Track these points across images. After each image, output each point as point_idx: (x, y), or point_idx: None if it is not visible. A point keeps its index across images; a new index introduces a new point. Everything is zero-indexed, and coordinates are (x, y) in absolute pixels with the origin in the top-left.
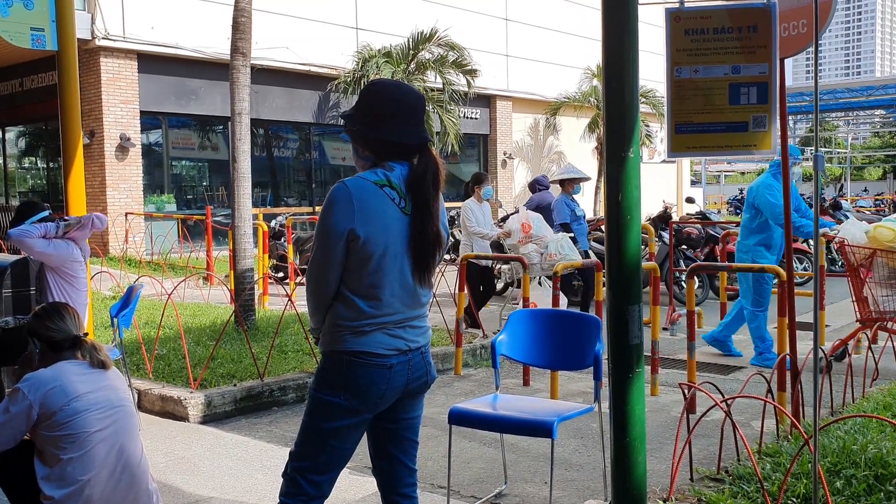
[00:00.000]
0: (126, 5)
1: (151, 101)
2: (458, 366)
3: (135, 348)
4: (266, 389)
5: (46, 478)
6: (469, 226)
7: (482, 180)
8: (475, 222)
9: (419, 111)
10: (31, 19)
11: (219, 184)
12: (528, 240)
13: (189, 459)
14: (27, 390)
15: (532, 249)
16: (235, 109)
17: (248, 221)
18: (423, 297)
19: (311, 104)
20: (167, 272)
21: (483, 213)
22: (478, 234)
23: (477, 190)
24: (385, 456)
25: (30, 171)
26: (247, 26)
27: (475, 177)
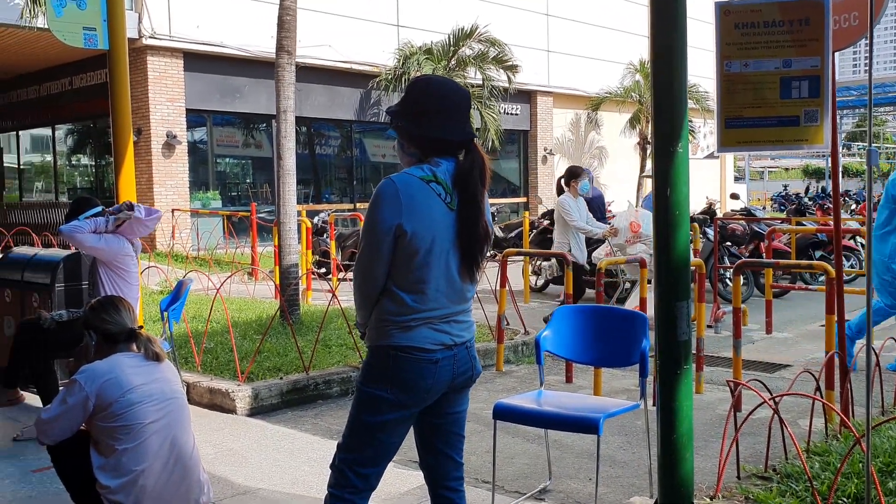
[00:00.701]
0: (172, 4)
1: (197, 99)
2: (500, 362)
3: (183, 342)
4: (311, 383)
5: (102, 467)
6: (570, 221)
7: (578, 174)
8: (576, 217)
9: (465, 107)
10: (83, 19)
11: (262, 181)
12: (636, 239)
13: (237, 451)
14: (84, 382)
15: (641, 250)
16: (281, 107)
17: (294, 218)
18: (468, 293)
19: (353, 102)
20: (213, 267)
21: (579, 208)
22: (581, 230)
23: (573, 185)
24: (432, 450)
25: (77, 169)
26: (292, 24)
27: (570, 171)
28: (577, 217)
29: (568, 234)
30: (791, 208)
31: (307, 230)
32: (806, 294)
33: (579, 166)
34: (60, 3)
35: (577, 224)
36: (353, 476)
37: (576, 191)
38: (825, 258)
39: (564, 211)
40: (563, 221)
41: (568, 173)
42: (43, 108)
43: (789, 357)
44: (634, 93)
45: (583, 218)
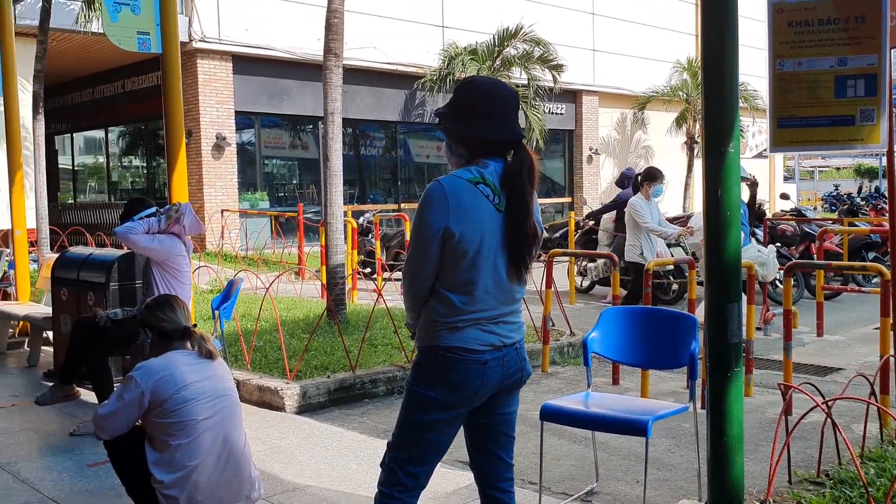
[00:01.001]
0: (221, 8)
1: (245, 101)
2: (546, 363)
3: (233, 340)
4: (358, 381)
5: (156, 462)
6: (642, 222)
7: (655, 178)
8: (648, 219)
9: (513, 107)
10: (137, 24)
11: (308, 181)
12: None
13: (286, 448)
14: (139, 378)
15: None
16: (328, 109)
17: (340, 218)
18: (516, 294)
19: (398, 103)
20: (261, 267)
21: (651, 210)
22: (653, 232)
23: (646, 187)
24: (482, 450)
25: (129, 170)
26: (339, 27)
27: (648, 172)
28: (649, 219)
29: (640, 236)
30: (843, 208)
31: (353, 230)
32: (858, 296)
33: (658, 170)
34: (115, 8)
35: (650, 226)
36: (403, 474)
37: (648, 193)
38: (879, 259)
39: (636, 212)
40: (634, 223)
41: (645, 174)
42: (96, 110)
43: (841, 360)
44: (681, 91)
45: (655, 220)
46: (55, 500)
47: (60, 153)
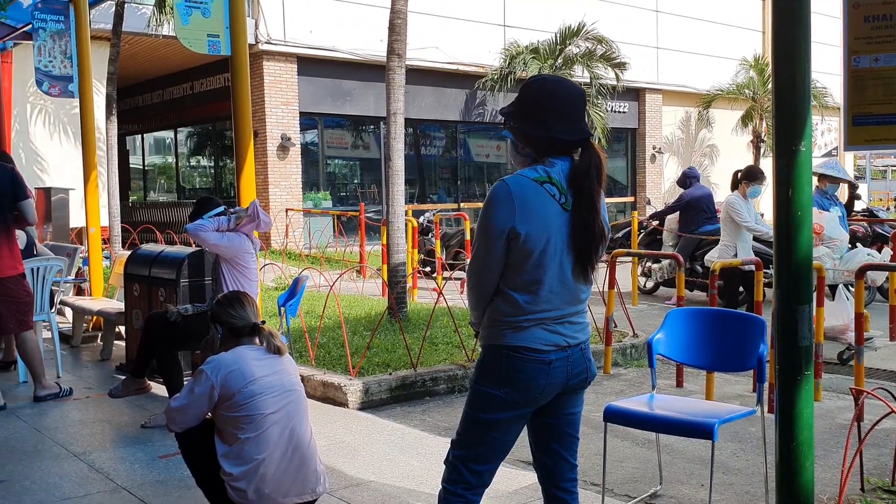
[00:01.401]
0: (287, 11)
1: (309, 102)
2: (608, 365)
3: (298, 336)
4: (419, 379)
5: (225, 455)
6: (741, 221)
7: (756, 178)
8: (748, 217)
9: (580, 105)
10: (207, 26)
11: (370, 181)
12: (818, 241)
13: (349, 444)
14: (210, 372)
15: (824, 253)
16: (391, 109)
17: (402, 217)
18: (582, 294)
19: (458, 102)
20: (324, 265)
21: (749, 209)
22: (753, 231)
23: (744, 185)
24: (546, 450)
25: (197, 170)
26: (402, 28)
27: (749, 171)
28: (748, 217)
29: (736, 236)
30: None
31: (413, 230)
32: None
33: (760, 170)
34: (187, 11)
35: (750, 224)
36: (467, 472)
37: (745, 192)
38: None
39: (734, 211)
40: (731, 222)
41: (746, 172)
42: (166, 111)
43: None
44: (748, 89)
45: (752, 219)
46: (128, 490)
47: (131, 153)
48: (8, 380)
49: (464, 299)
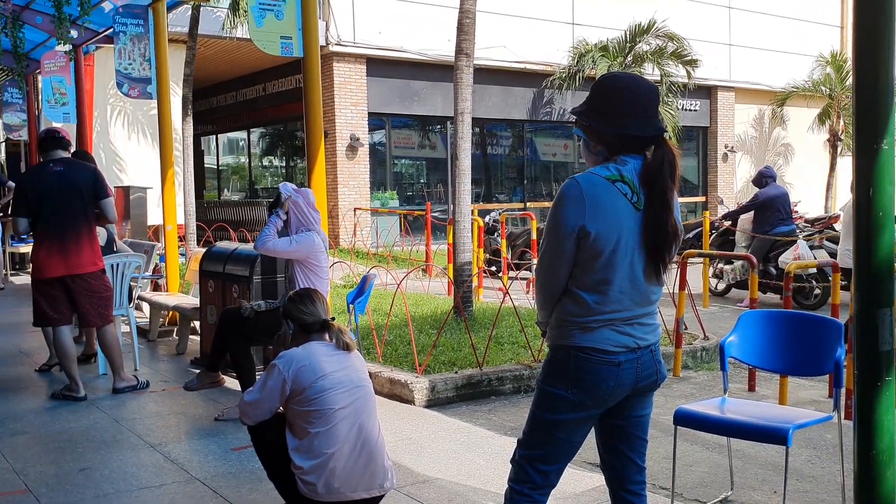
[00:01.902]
0: (357, 13)
1: (377, 102)
2: (678, 367)
3: (366, 333)
4: (484, 378)
5: (296, 449)
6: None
7: None
8: None
9: (652, 103)
10: (280, 28)
11: (436, 181)
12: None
13: (416, 440)
14: (282, 366)
15: None
16: (458, 109)
17: (468, 217)
18: (653, 295)
19: (525, 101)
20: (391, 264)
21: None
22: None
23: None
24: (614, 452)
25: (268, 169)
26: (470, 28)
27: None
28: None
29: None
30: None
31: (479, 229)
32: None
33: None
34: (261, 14)
35: None
36: (533, 472)
37: None
38: None
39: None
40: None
41: None
42: (239, 112)
43: None
44: (824, 86)
45: None
46: (202, 481)
47: (206, 153)
48: (88, 372)
49: (530, 299)
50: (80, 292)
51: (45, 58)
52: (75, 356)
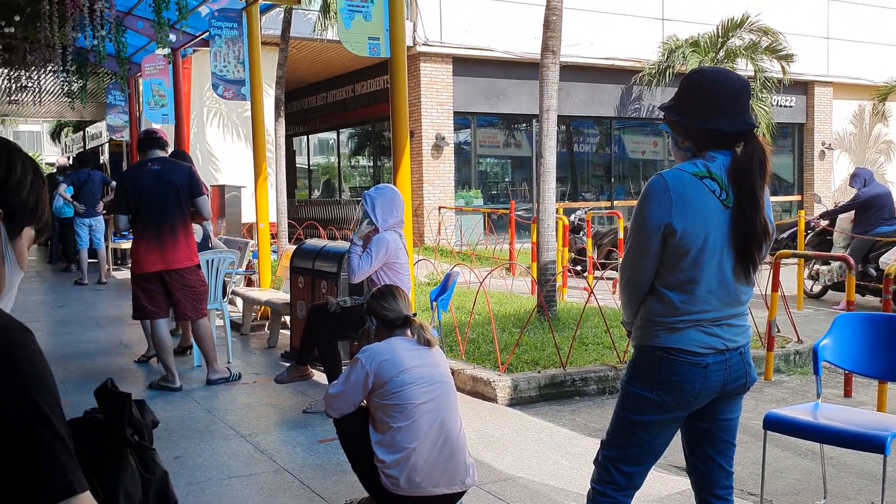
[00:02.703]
0: (444, 13)
1: (463, 101)
2: (769, 371)
3: (449, 330)
4: (568, 378)
5: (379, 442)
6: None
7: None
8: None
9: (742, 97)
10: (368, 30)
11: (521, 179)
12: None
13: (498, 439)
14: (365, 360)
15: None
16: (543, 106)
17: (552, 215)
18: (743, 295)
19: (613, 98)
20: (475, 262)
21: None
22: None
23: None
24: (700, 455)
25: (357, 169)
26: (557, 24)
27: None
28: None
29: None
30: None
31: (564, 228)
32: None
33: None
34: (349, 15)
35: None
36: (616, 473)
37: None
38: None
39: None
40: None
41: None
42: (329, 113)
43: None
44: None
45: None
46: (289, 472)
47: (298, 154)
48: (184, 363)
49: (616, 299)
50: (176, 287)
51: (145, 61)
52: (172, 348)
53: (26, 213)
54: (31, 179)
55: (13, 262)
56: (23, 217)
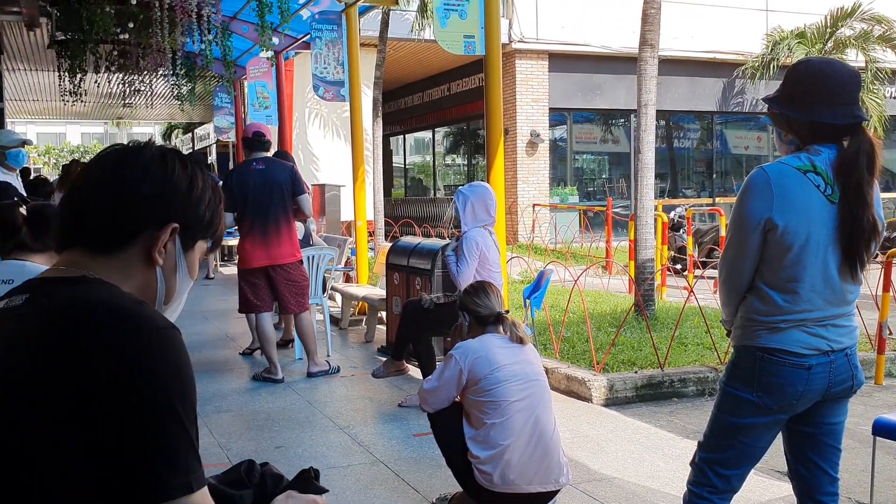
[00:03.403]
0: (540, 9)
1: (559, 98)
2: (880, 375)
3: (543, 329)
4: (666, 379)
5: (473, 438)
6: None
7: None
8: None
9: (851, 88)
10: (464, 28)
11: (618, 176)
12: None
13: (593, 439)
14: (459, 357)
15: None
16: (641, 101)
17: (651, 212)
18: (849, 294)
19: (714, 92)
20: (570, 260)
21: None
22: None
23: None
24: (803, 460)
25: (451, 168)
26: (656, 18)
27: None
28: None
29: None
30: None
31: (663, 225)
32: None
33: None
34: (445, 14)
35: None
36: (713, 475)
37: None
38: None
39: None
40: None
41: None
42: (425, 112)
43: None
44: None
45: None
46: (385, 464)
47: (394, 153)
48: (286, 356)
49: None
50: (280, 281)
51: (250, 64)
52: (275, 341)
53: (201, 227)
54: (210, 196)
55: (185, 273)
56: (196, 231)
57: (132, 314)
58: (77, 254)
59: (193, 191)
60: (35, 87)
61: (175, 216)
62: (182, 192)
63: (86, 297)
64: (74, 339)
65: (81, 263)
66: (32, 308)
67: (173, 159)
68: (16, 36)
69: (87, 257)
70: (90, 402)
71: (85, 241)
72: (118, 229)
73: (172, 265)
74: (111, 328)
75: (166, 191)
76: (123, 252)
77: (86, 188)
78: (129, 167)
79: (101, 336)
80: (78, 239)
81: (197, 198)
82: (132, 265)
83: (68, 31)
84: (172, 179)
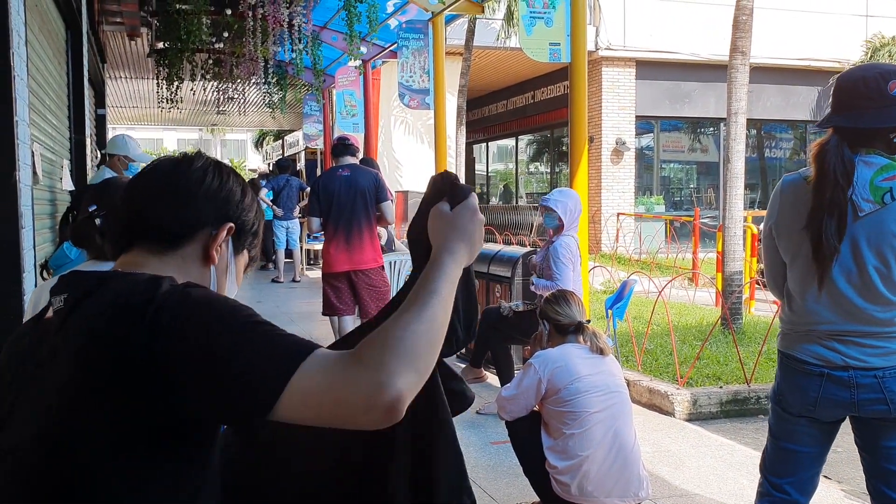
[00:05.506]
0: (627, 16)
1: (646, 105)
2: None
3: (625, 340)
4: (752, 395)
5: (551, 448)
6: None
7: None
8: None
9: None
10: (549, 36)
11: (706, 185)
12: None
13: (675, 454)
14: (538, 366)
15: None
16: (731, 109)
17: (739, 223)
18: (875, 312)
19: (809, 101)
20: (654, 271)
21: None
22: None
23: None
24: (870, 486)
25: (534, 175)
26: (747, 24)
27: None
28: None
29: None
30: None
31: (752, 237)
32: None
33: None
34: (531, 22)
35: None
36: (768, 484)
37: None
38: None
39: None
40: None
41: None
42: (508, 120)
43: None
44: None
45: None
46: None
47: (477, 161)
48: None
49: None
50: (362, 286)
51: (338, 73)
52: None
53: (249, 234)
54: (256, 209)
55: (233, 277)
56: (246, 237)
57: (156, 279)
58: (135, 254)
59: (245, 197)
60: (135, 94)
61: (231, 217)
62: (236, 196)
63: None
64: (106, 326)
65: (140, 263)
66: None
67: (227, 168)
68: (118, 45)
69: (146, 256)
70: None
71: (145, 241)
72: (180, 224)
73: (224, 266)
74: (131, 303)
75: (224, 192)
76: (182, 248)
77: (145, 190)
78: (189, 169)
79: (124, 315)
80: (137, 239)
81: (248, 205)
82: (189, 262)
83: (167, 40)
84: (228, 184)
